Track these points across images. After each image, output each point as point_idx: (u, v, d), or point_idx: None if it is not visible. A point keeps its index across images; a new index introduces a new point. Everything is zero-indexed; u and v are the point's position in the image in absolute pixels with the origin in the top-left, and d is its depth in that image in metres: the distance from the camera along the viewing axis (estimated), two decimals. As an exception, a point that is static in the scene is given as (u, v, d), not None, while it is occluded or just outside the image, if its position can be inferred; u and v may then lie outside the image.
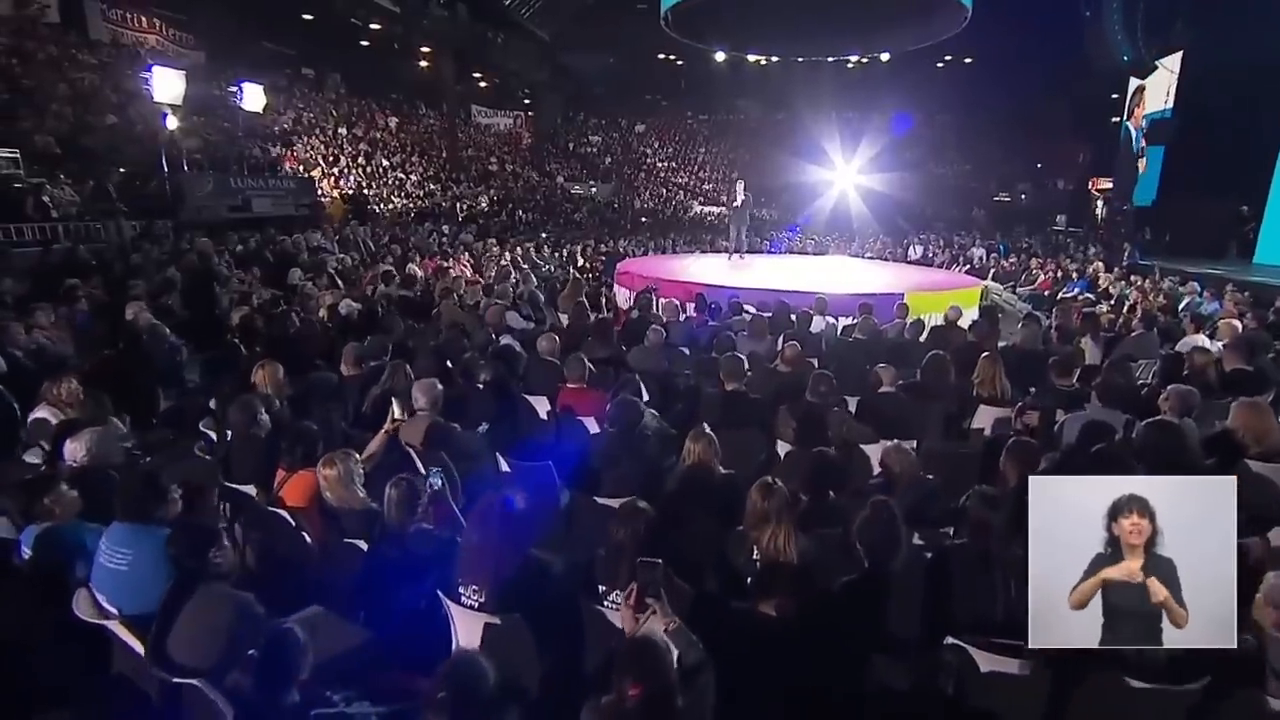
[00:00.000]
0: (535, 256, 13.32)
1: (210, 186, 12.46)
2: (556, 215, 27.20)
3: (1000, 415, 4.45)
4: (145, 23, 22.00)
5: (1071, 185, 27.95)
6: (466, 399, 4.19)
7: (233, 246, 10.27)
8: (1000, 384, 4.56)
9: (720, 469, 3.22)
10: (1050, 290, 12.33)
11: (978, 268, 13.96)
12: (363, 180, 21.62)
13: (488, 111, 37.40)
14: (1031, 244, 17.13)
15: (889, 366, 4.36)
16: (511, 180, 31.36)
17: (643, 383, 4.26)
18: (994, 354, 4.69)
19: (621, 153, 38.68)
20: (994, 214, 27.54)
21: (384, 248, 12.74)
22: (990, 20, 17.47)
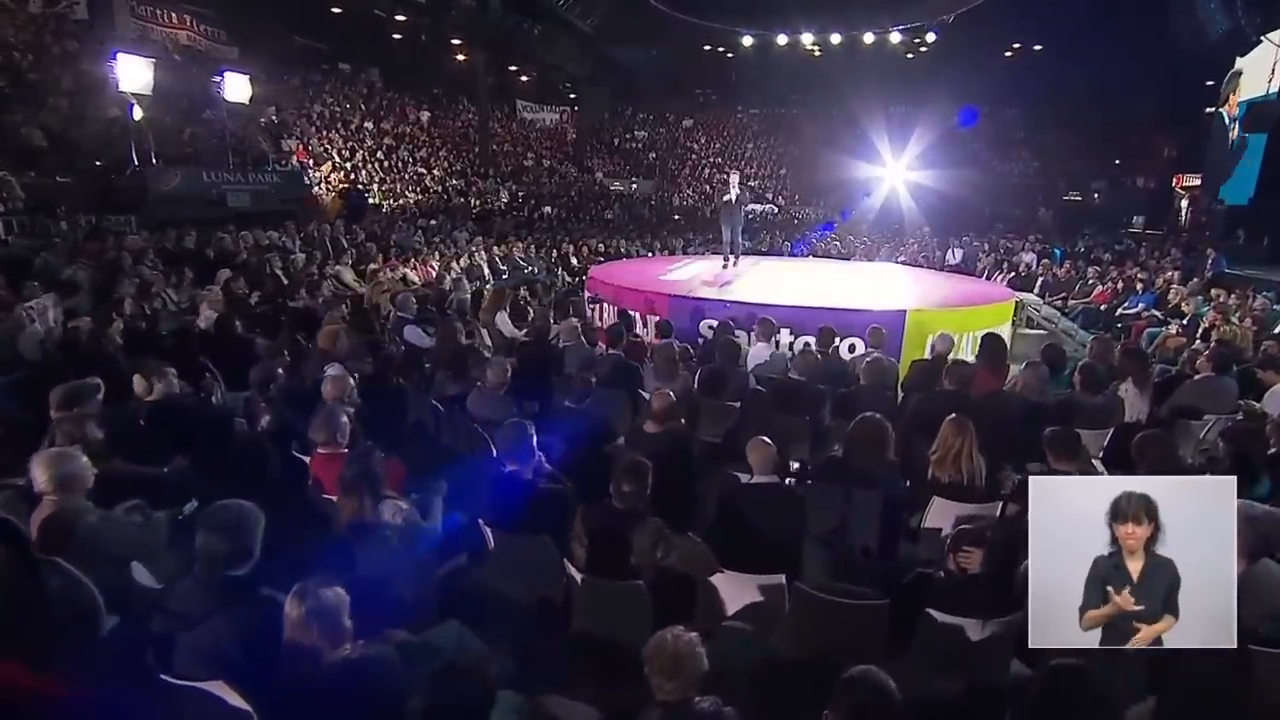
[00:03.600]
0: (519, 257, 12.19)
1: (178, 180, 11.83)
2: (586, 211, 26.22)
3: (967, 513, 3.01)
4: (175, 19, 22.01)
5: (1153, 183, 25.06)
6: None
7: (173, 244, 9.51)
8: (969, 463, 3.10)
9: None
10: (1108, 304, 10.37)
11: (1023, 276, 12.03)
12: (378, 175, 21.05)
13: (533, 107, 37.24)
14: (1092, 248, 14.90)
15: (763, 443, 2.94)
16: (546, 176, 30.61)
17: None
18: (962, 418, 3.20)
19: (666, 148, 37.69)
20: (1062, 215, 25.02)
21: (357, 246, 11.84)
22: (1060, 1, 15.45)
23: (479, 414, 4.00)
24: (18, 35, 16.25)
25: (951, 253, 14.24)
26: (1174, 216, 22.23)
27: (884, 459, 3.17)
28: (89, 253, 8.95)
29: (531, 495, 2.94)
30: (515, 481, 3.03)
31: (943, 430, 3.17)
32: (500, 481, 3.07)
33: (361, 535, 2.64)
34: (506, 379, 4.10)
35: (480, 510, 2.99)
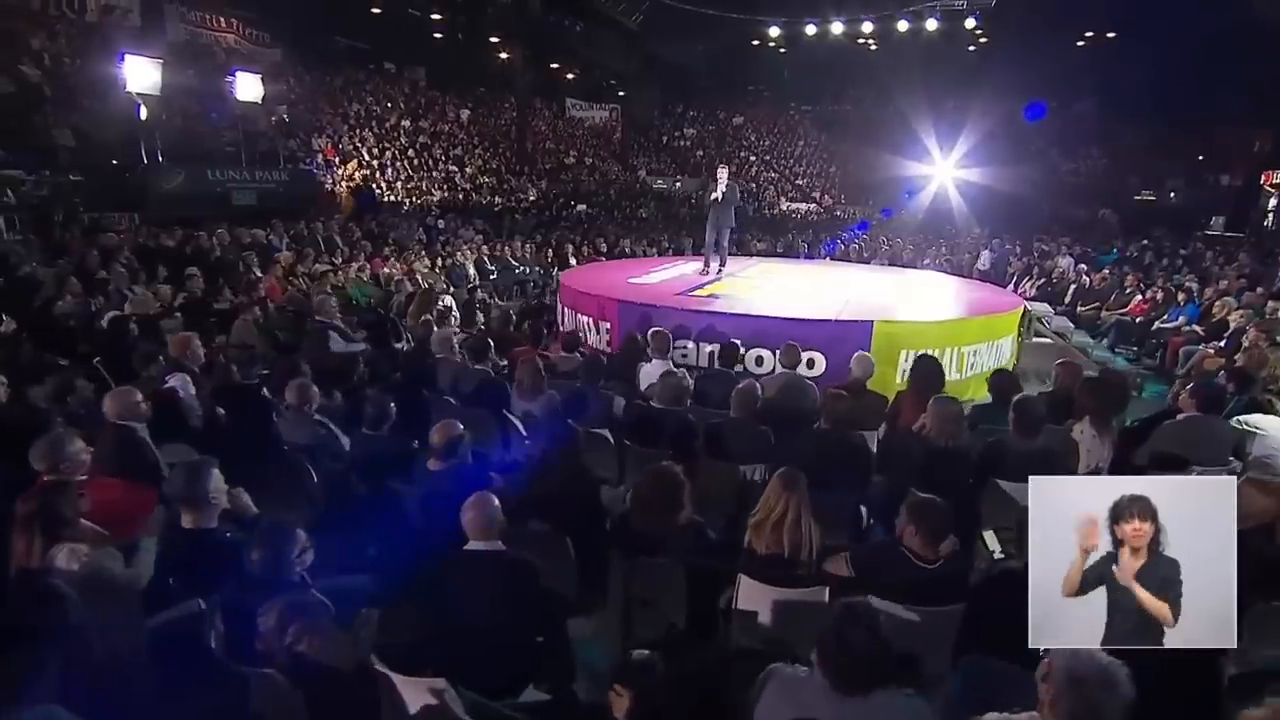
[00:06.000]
0: (510, 257, 11.83)
1: (181, 179, 12.00)
2: (620, 210, 25.83)
3: (784, 598, 2.38)
4: (224, 23, 22.76)
5: (1239, 181, 22.74)
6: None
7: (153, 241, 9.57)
8: (794, 533, 2.46)
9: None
10: (1145, 316, 9.17)
11: (1054, 283, 10.83)
12: (405, 172, 21.19)
13: (583, 104, 37.31)
14: (1142, 251, 13.40)
15: (482, 499, 2.35)
16: (586, 173, 30.38)
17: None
18: (792, 473, 2.54)
19: (715, 146, 37.07)
20: (1131, 215, 23.04)
21: (353, 244, 11.74)
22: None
23: (288, 438, 3.57)
24: (71, 44, 17.10)
25: (982, 257, 13.06)
26: (1259, 217, 20.08)
27: (675, 520, 2.56)
28: (73, 250, 9.09)
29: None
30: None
31: (769, 486, 2.53)
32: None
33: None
34: (309, 398, 3.66)
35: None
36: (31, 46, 16.06)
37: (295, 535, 2.15)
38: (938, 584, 2.27)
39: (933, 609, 2.28)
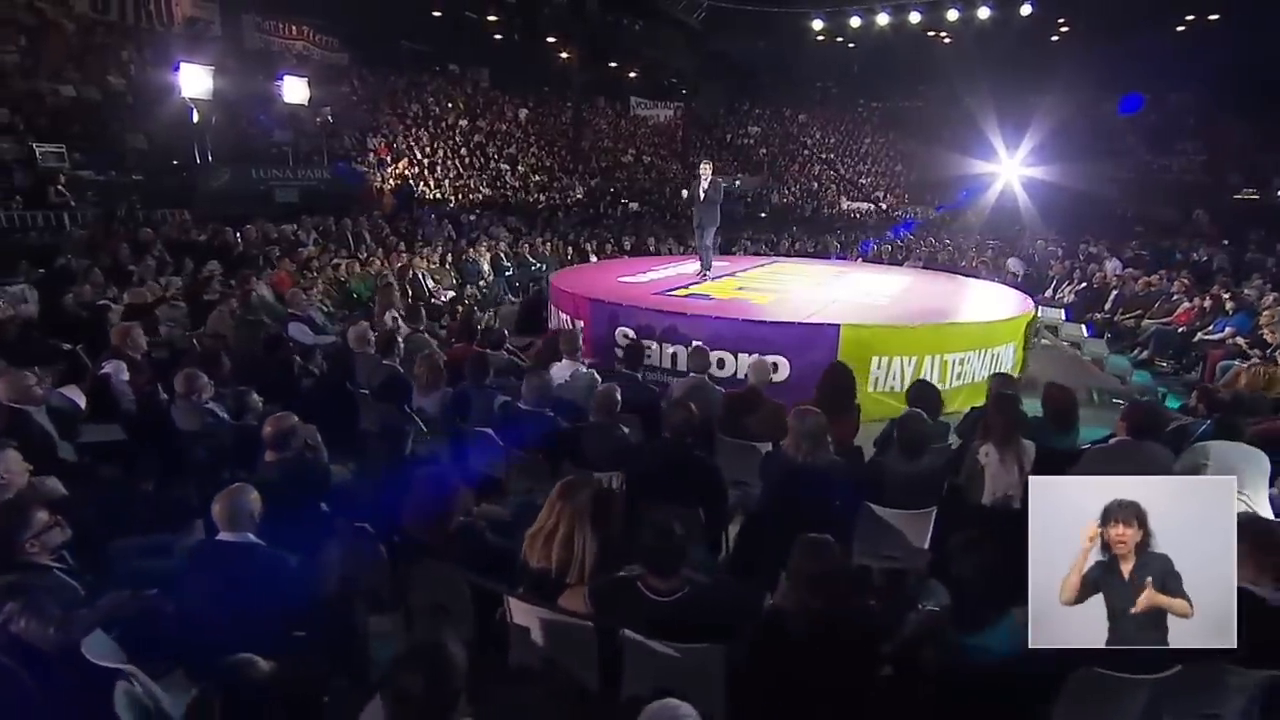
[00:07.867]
0: (527, 254, 11.95)
1: (227, 177, 12.76)
2: (673, 208, 25.75)
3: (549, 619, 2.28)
4: (295, 30, 24.09)
5: (1357, 177, 20.42)
6: None
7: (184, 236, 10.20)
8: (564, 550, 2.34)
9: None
10: (1189, 326, 8.32)
11: (1096, 288, 9.96)
12: (454, 170, 21.79)
13: (646, 103, 37.38)
14: (1212, 255, 12.14)
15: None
16: (643, 172, 30.41)
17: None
18: (575, 482, 2.40)
19: (779, 144, 36.39)
20: (1227, 216, 21.04)
21: (381, 241, 12.17)
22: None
23: (180, 425, 3.71)
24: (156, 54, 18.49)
25: (1011, 263, 12.15)
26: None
27: (446, 526, 2.49)
28: (111, 245, 9.83)
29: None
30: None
31: (550, 497, 2.43)
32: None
33: None
34: (197, 387, 3.78)
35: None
36: (121, 58, 17.50)
37: (30, 517, 2.23)
38: (677, 616, 2.10)
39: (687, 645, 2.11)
